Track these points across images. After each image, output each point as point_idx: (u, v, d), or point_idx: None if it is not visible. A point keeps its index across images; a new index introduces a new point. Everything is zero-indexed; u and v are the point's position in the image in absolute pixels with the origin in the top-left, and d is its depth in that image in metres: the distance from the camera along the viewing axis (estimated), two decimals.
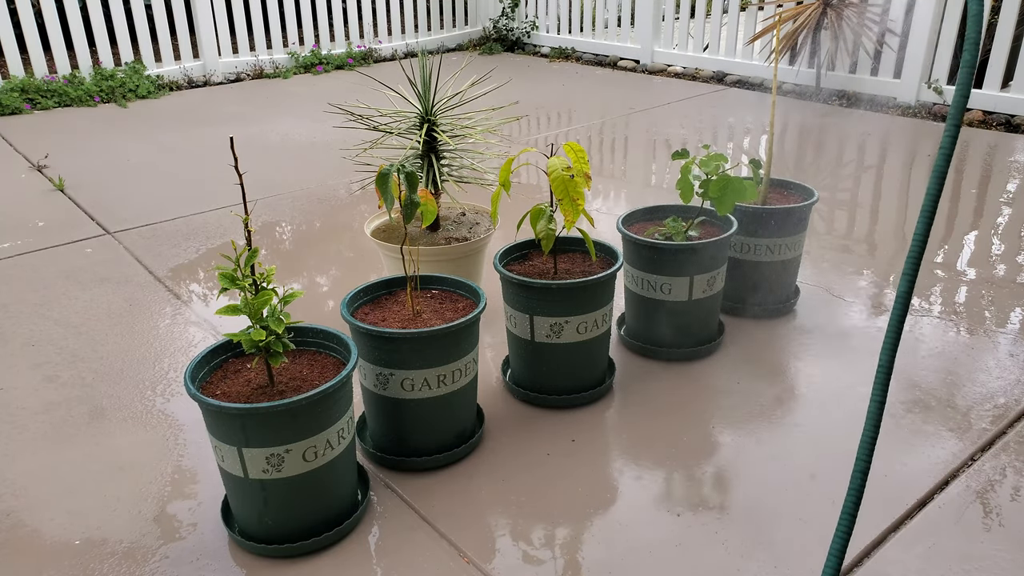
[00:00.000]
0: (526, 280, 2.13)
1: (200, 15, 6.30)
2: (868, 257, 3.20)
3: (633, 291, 2.48)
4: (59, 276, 3.11)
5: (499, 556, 1.75)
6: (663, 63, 6.73)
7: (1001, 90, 5.06)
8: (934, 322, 2.70)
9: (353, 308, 2.02)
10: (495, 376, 2.42)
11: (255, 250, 1.65)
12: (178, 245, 3.37)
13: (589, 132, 5.05)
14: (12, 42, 5.56)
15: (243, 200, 1.72)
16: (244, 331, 1.68)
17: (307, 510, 1.73)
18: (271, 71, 6.68)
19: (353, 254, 3.28)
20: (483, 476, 1.99)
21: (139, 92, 5.90)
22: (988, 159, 4.41)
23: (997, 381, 2.36)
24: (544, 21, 7.59)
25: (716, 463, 2.03)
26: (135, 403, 2.31)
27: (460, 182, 2.67)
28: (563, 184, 2.05)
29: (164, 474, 2.02)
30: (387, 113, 2.69)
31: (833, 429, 2.16)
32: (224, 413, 1.60)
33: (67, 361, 2.53)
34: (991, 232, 3.43)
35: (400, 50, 7.43)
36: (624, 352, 2.54)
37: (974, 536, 1.79)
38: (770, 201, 2.68)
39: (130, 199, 3.91)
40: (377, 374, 1.93)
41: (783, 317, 2.74)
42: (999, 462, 2.02)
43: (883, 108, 5.43)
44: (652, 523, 1.84)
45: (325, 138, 4.85)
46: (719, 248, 2.39)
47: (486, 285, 2.73)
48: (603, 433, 2.15)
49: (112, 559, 1.76)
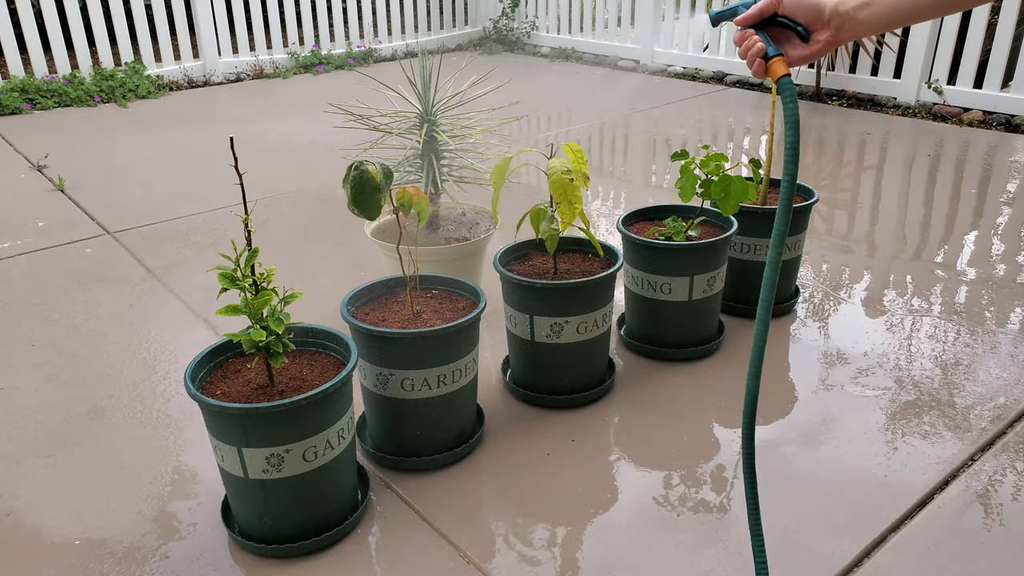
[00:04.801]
0: (526, 280, 2.13)
1: (200, 15, 6.30)
2: (868, 257, 3.20)
3: (633, 291, 2.48)
4: (59, 276, 3.11)
5: (499, 556, 1.75)
6: (663, 63, 6.73)
7: (1001, 90, 5.06)
8: (934, 322, 2.70)
9: (353, 308, 2.02)
10: (495, 376, 2.42)
11: (255, 250, 1.65)
12: (178, 245, 3.37)
13: (589, 132, 5.05)
14: (12, 42, 5.56)
15: (243, 200, 1.72)
16: (244, 331, 1.68)
17: (307, 510, 1.73)
18: (271, 71, 6.68)
19: (353, 254, 3.28)
20: (483, 476, 1.99)
21: (139, 92, 5.90)
22: (988, 159, 4.41)
23: (997, 381, 2.36)
24: (544, 21, 7.59)
25: (716, 463, 2.03)
26: (135, 403, 2.31)
27: (460, 182, 2.67)
28: (562, 187, 2.06)
29: (164, 474, 2.02)
30: (387, 113, 2.69)
31: (832, 429, 2.16)
32: (224, 413, 1.60)
33: (67, 361, 2.53)
34: (991, 232, 3.43)
35: (400, 50, 7.43)
36: (624, 352, 2.54)
37: (974, 536, 1.79)
38: (770, 201, 2.68)
39: (130, 199, 3.91)
40: (377, 374, 1.93)
41: (783, 317, 2.74)
42: (999, 462, 2.02)
43: (883, 108, 5.43)
44: (652, 523, 1.84)
45: (325, 138, 4.85)
46: (719, 248, 2.39)
47: (486, 285, 2.73)
48: (603, 433, 2.15)
49: (112, 559, 1.76)
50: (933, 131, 4.94)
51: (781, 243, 1.21)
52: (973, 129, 4.97)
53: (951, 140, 4.76)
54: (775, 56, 1.21)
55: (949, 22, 5.13)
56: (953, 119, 5.13)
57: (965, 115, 5.11)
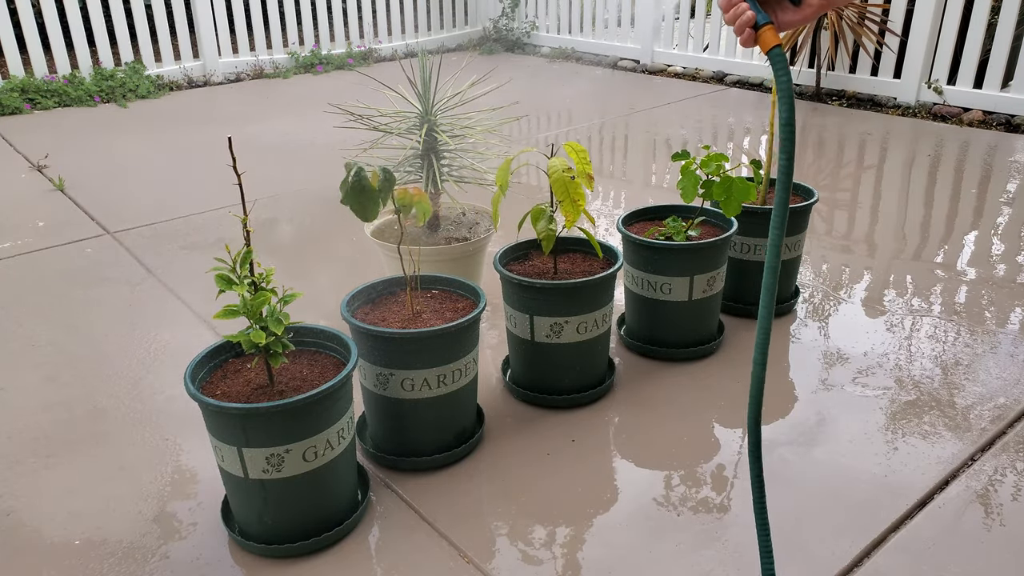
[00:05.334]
0: (526, 280, 2.13)
1: (200, 15, 6.29)
2: (867, 257, 3.20)
3: (633, 291, 2.48)
4: (59, 276, 3.11)
5: (499, 556, 1.75)
6: (663, 63, 6.73)
7: (1001, 90, 5.06)
8: (934, 322, 2.70)
9: (353, 308, 2.02)
10: (495, 376, 2.42)
11: (249, 250, 1.65)
12: (178, 245, 3.37)
13: (589, 132, 5.05)
14: (12, 42, 5.56)
15: (242, 200, 1.72)
16: (243, 332, 1.68)
17: (307, 510, 1.73)
18: (271, 71, 6.68)
19: (353, 254, 3.28)
20: (483, 476, 1.99)
21: (139, 92, 5.90)
22: (988, 159, 4.40)
23: (997, 381, 2.36)
24: (544, 21, 7.59)
25: (716, 463, 2.03)
26: (135, 403, 2.31)
27: (460, 182, 2.67)
28: (564, 185, 2.05)
29: (164, 474, 2.02)
30: (387, 113, 2.69)
31: (832, 429, 2.16)
32: (224, 413, 1.60)
33: (67, 361, 2.53)
34: (991, 232, 3.43)
35: (400, 50, 7.43)
36: (624, 352, 2.54)
37: (974, 536, 1.79)
38: (770, 201, 2.68)
39: (130, 199, 3.91)
40: (377, 374, 1.93)
41: (783, 317, 2.74)
42: (999, 462, 2.02)
43: (883, 108, 5.43)
44: (652, 523, 1.84)
45: (325, 138, 4.85)
46: (719, 248, 2.39)
47: (486, 285, 2.73)
48: (603, 433, 2.15)
49: (112, 559, 1.76)
50: (933, 131, 4.94)
51: (782, 226, 1.14)
52: (973, 129, 4.97)
53: (951, 140, 4.76)
54: (765, 24, 1.13)
55: (949, 22, 5.13)
56: (953, 119, 5.13)
57: (965, 115, 5.11)
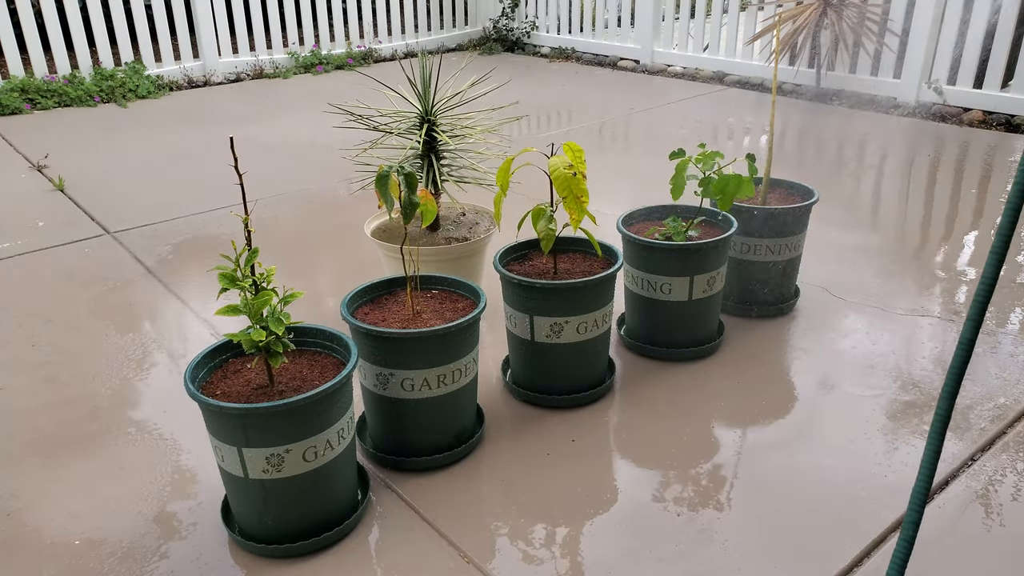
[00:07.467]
0: (526, 280, 2.13)
1: (200, 15, 6.29)
2: (867, 257, 3.20)
3: (633, 291, 2.48)
4: (59, 276, 3.11)
5: (499, 556, 1.75)
6: (663, 63, 6.73)
7: (1001, 90, 5.06)
8: (934, 322, 2.70)
9: (353, 308, 2.02)
10: (495, 376, 2.42)
11: (255, 250, 1.65)
12: (178, 245, 3.37)
13: (589, 132, 5.05)
14: (12, 42, 5.56)
15: (243, 200, 1.72)
16: (244, 331, 1.68)
17: (307, 510, 1.73)
18: (271, 71, 6.68)
19: (353, 254, 3.28)
20: (483, 476, 1.99)
21: (139, 92, 5.90)
22: (988, 159, 4.40)
23: (997, 381, 2.36)
24: (544, 21, 7.59)
25: (716, 463, 2.03)
26: (135, 403, 2.31)
27: (460, 182, 2.67)
28: (566, 182, 2.05)
29: (164, 474, 2.02)
30: (387, 113, 2.69)
31: (832, 429, 2.16)
32: (224, 413, 1.60)
33: (67, 361, 2.53)
34: (991, 232, 3.43)
35: (400, 50, 7.43)
36: (624, 352, 2.54)
37: (974, 536, 1.79)
38: (770, 201, 2.68)
39: (130, 199, 3.91)
40: (377, 374, 1.93)
41: (783, 317, 2.74)
42: (999, 462, 2.02)
43: (883, 108, 5.43)
44: (652, 523, 1.84)
45: (325, 138, 4.85)
46: (719, 248, 2.39)
47: (486, 285, 2.73)
48: (603, 433, 2.15)
49: (112, 559, 1.76)
50: (933, 131, 4.94)
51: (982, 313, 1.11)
52: (973, 129, 4.97)
53: (951, 140, 4.76)
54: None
55: (949, 22, 5.13)
56: (953, 119, 5.13)
57: (965, 115, 5.11)
